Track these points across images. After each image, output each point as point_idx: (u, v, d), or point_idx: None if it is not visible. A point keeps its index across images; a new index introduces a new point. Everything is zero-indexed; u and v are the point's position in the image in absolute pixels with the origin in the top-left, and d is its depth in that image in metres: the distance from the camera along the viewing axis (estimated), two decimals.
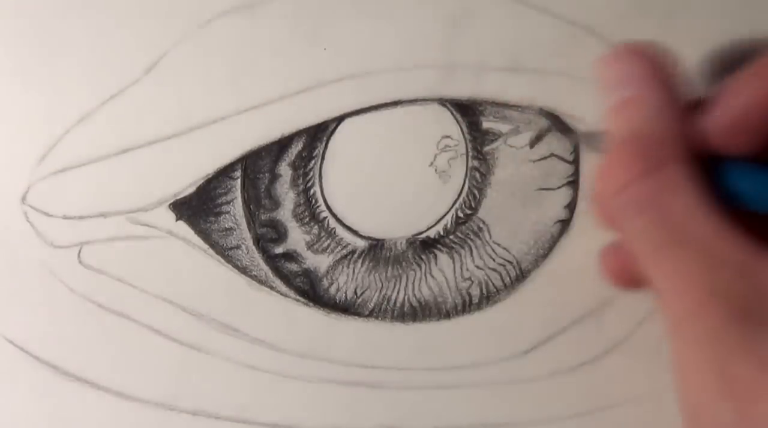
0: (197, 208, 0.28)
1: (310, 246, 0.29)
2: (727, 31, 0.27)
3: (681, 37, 0.27)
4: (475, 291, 0.30)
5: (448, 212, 0.29)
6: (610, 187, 0.21)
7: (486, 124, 0.29)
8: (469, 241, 0.30)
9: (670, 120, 0.21)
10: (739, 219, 0.19)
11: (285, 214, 0.29)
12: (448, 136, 0.29)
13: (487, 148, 0.29)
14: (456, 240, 0.30)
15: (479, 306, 0.30)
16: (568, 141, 0.29)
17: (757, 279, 0.18)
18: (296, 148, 0.29)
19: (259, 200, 0.29)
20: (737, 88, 0.21)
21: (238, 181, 0.28)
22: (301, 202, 0.29)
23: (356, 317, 0.30)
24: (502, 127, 0.29)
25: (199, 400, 0.29)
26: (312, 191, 0.29)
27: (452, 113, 0.29)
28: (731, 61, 0.22)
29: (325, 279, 0.29)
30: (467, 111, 0.29)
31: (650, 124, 0.21)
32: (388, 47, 0.28)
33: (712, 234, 0.19)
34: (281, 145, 0.28)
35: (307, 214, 0.29)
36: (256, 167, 0.29)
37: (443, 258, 0.30)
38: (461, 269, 0.30)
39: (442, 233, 0.29)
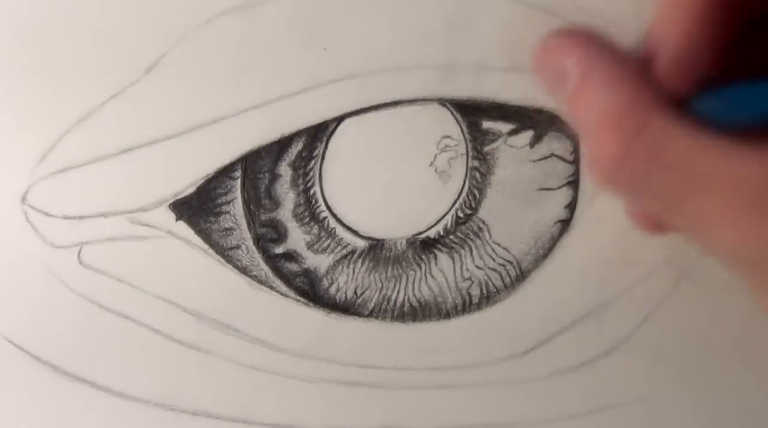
0: (197, 208, 0.28)
1: (310, 246, 0.29)
2: None
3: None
4: (475, 291, 0.30)
5: (448, 212, 0.29)
6: (605, 170, 0.21)
7: (486, 124, 0.29)
8: (469, 241, 0.30)
9: (626, 84, 0.21)
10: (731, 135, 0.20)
11: (285, 213, 0.29)
12: (448, 136, 0.29)
13: (487, 148, 0.29)
14: (456, 240, 0.30)
15: (479, 306, 0.30)
16: (569, 141, 0.29)
17: None
18: (296, 148, 0.29)
19: (259, 200, 0.29)
20: (657, 32, 0.21)
21: (238, 181, 0.28)
22: (301, 202, 0.29)
23: (356, 317, 0.30)
24: (502, 127, 0.29)
25: (199, 400, 0.29)
26: (312, 191, 0.29)
27: (452, 113, 0.29)
28: None
29: (325, 279, 0.29)
30: (467, 111, 0.29)
31: (609, 96, 0.21)
32: (388, 47, 0.28)
33: (723, 162, 0.19)
34: (281, 145, 0.28)
35: (307, 213, 0.29)
36: (256, 167, 0.29)
37: (443, 258, 0.30)
38: (461, 269, 0.30)
39: (442, 233, 0.29)
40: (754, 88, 0.20)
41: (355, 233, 0.29)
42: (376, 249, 0.29)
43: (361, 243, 0.29)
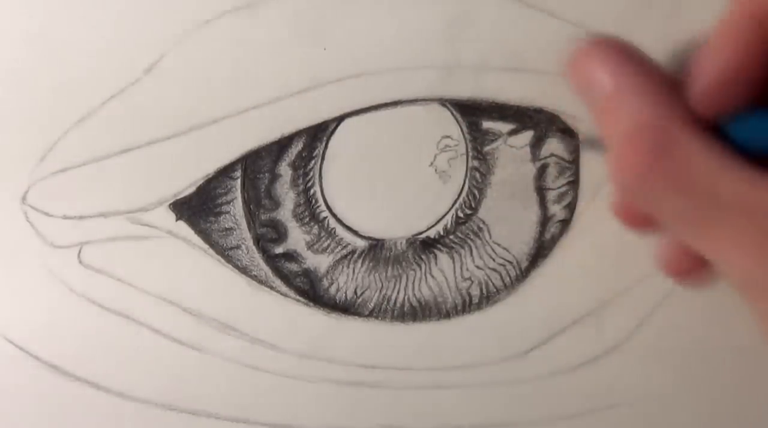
0: (197, 207, 0.28)
1: (310, 246, 0.29)
2: None
3: (682, 37, 0.27)
4: (475, 291, 0.30)
5: (448, 212, 0.29)
6: (629, 185, 0.21)
7: (486, 124, 0.29)
8: (469, 241, 0.30)
9: (658, 100, 0.21)
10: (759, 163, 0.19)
11: (285, 214, 0.29)
12: (448, 136, 0.29)
13: (487, 148, 0.29)
14: (456, 240, 0.30)
15: (479, 306, 0.30)
16: (569, 141, 0.29)
17: None
18: (296, 148, 0.29)
19: (259, 200, 0.29)
20: (710, 52, 0.21)
21: (238, 181, 0.28)
22: (301, 202, 0.29)
23: (356, 317, 0.30)
24: (502, 127, 0.29)
25: (199, 400, 0.29)
26: (312, 191, 0.29)
27: (452, 113, 0.29)
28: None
29: (325, 279, 0.29)
30: (467, 111, 0.29)
31: (639, 110, 0.21)
32: (388, 47, 0.28)
33: (745, 189, 0.19)
34: (281, 145, 0.28)
35: (307, 214, 0.29)
36: (256, 167, 0.29)
37: (443, 258, 0.30)
38: (461, 269, 0.30)
39: (442, 233, 0.29)
40: None
41: (355, 233, 0.29)
42: (376, 249, 0.29)
43: (361, 243, 0.29)
